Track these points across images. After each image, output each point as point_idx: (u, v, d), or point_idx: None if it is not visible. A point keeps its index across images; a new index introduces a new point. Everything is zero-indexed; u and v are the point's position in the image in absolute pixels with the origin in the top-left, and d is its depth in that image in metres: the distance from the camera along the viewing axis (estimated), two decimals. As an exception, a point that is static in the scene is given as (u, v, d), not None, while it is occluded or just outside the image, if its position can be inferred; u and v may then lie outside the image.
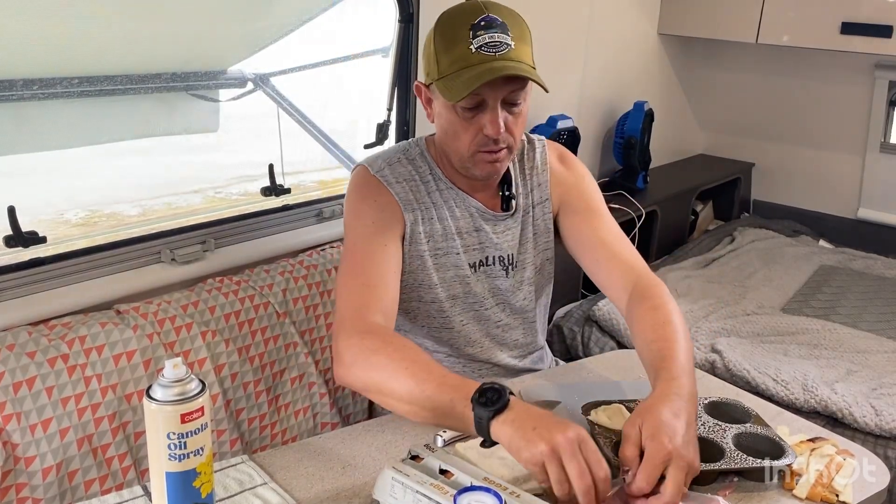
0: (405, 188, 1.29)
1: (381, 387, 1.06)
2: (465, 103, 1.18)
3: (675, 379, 1.05)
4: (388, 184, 1.28)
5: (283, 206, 1.72)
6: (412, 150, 1.34)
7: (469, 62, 1.16)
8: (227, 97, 1.94)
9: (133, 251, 1.45)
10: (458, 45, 1.17)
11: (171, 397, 0.83)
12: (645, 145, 2.77)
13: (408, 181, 1.30)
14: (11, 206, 1.30)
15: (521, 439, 0.91)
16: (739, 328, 2.19)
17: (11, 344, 1.20)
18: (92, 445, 1.24)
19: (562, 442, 0.89)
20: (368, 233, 1.24)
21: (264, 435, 1.49)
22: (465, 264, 1.33)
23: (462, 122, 1.21)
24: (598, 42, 2.66)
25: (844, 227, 3.14)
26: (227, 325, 1.43)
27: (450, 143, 1.26)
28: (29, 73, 1.44)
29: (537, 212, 1.39)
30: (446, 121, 1.23)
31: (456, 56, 1.17)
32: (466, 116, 1.20)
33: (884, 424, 1.73)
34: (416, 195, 1.29)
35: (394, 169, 1.30)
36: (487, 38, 1.17)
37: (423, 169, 1.32)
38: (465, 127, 1.21)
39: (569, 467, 0.88)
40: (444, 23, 1.21)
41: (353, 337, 1.10)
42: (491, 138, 1.21)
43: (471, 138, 1.22)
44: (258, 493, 0.98)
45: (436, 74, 1.20)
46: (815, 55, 2.92)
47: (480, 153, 1.23)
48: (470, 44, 1.16)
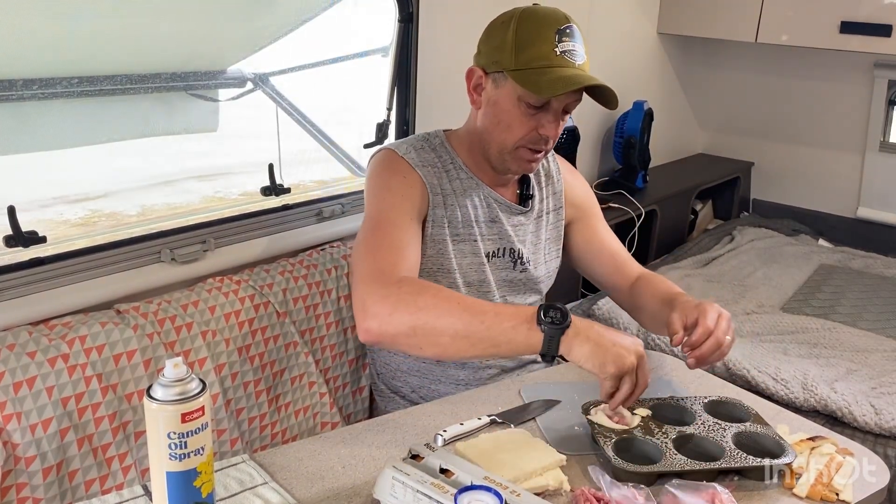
0: (430, 172, 1.32)
1: (433, 324, 1.07)
2: (536, 101, 1.23)
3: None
4: (416, 166, 1.31)
5: (283, 205, 1.72)
6: (433, 139, 1.38)
7: (553, 62, 1.21)
8: (227, 97, 1.94)
9: (133, 251, 1.45)
10: (543, 44, 1.22)
11: (171, 397, 0.83)
12: (644, 145, 2.77)
13: (432, 166, 1.34)
14: (11, 206, 1.30)
15: (606, 354, 1.04)
16: (739, 327, 2.19)
17: (12, 344, 1.19)
18: (92, 445, 1.24)
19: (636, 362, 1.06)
20: (396, 202, 1.27)
21: (265, 434, 1.49)
22: (482, 252, 1.37)
23: (521, 117, 1.25)
24: (597, 41, 2.64)
25: (844, 226, 3.14)
26: (227, 324, 1.43)
27: (497, 133, 1.29)
28: (29, 72, 1.43)
29: (551, 218, 1.46)
30: (503, 111, 1.27)
31: (540, 53, 1.21)
32: (529, 112, 1.25)
33: (883, 423, 1.73)
34: (439, 180, 1.33)
35: (419, 154, 1.34)
36: (570, 45, 1.23)
37: (444, 158, 1.36)
38: (523, 122, 1.26)
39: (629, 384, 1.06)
40: (529, 19, 1.24)
41: (390, 286, 1.11)
42: (543, 138, 1.27)
43: (524, 133, 1.27)
44: (259, 493, 0.98)
45: (511, 65, 1.23)
46: (815, 54, 2.93)
47: (524, 149, 1.29)
48: (555, 46, 1.21)
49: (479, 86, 1.30)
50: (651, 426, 1.11)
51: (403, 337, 1.11)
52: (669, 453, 1.04)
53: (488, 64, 1.27)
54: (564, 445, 1.10)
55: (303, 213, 1.73)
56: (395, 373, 1.47)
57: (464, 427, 1.13)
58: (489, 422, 1.16)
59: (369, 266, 1.17)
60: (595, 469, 1.02)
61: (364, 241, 1.24)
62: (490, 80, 1.28)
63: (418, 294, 1.10)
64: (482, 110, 1.31)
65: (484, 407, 1.22)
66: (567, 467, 1.04)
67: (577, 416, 1.15)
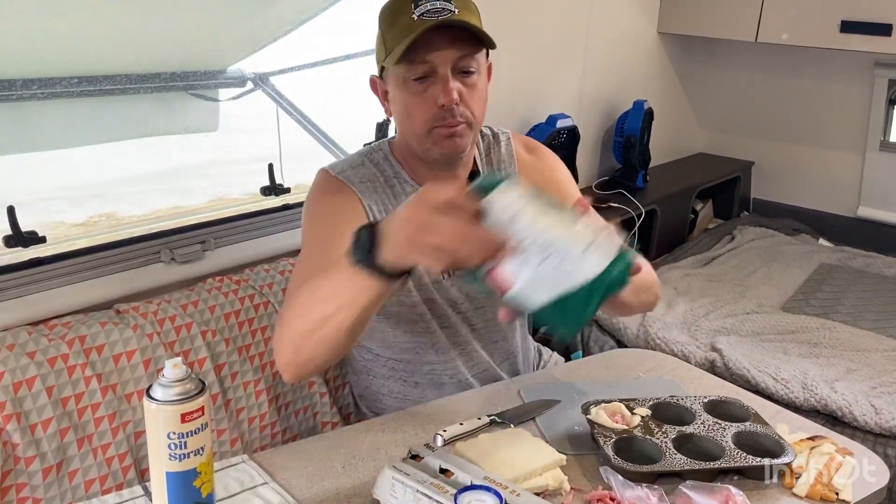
0: (368, 188, 1.25)
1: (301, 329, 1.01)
2: (413, 73, 1.15)
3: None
4: (351, 183, 1.24)
5: (283, 205, 1.72)
6: (375, 154, 1.30)
7: (413, 29, 1.12)
8: (227, 97, 1.94)
9: (133, 251, 1.45)
10: (400, 17, 1.14)
11: (171, 397, 0.83)
12: (644, 144, 2.77)
13: (372, 181, 1.26)
14: (11, 206, 1.30)
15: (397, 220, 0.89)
16: (739, 327, 2.19)
17: (11, 344, 1.20)
18: (92, 445, 1.24)
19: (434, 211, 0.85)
20: (326, 224, 1.19)
21: (264, 434, 1.49)
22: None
23: (414, 98, 1.17)
24: (597, 41, 2.66)
25: (844, 225, 3.14)
26: (226, 324, 1.43)
27: (407, 126, 1.21)
28: (29, 72, 1.44)
29: None
30: (400, 102, 1.19)
31: (399, 28, 1.14)
32: (418, 90, 1.16)
33: (883, 423, 1.73)
34: (380, 195, 1.25)
35: (356, 171, 1.26)
36: (429, 5, 1.13)
37: (387, 172, 1.28)
38: (419, 102, 1.17)
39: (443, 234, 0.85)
40: (387, 6, 1.19)
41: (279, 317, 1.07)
42: (447, 109, 1.15)
43: (426, 113, 1.17)
44: (258, 493, 0.98)
45: (383, 55, 1.18)
46: (815, 54, 2.92)
47: (437, 128, 1.18)
48: (412, 14, 1.13)
49: (386, 91, 1.24)
50: (651, 426, 1.11)
51: (295, 356, 1.04)
52: (669, 453, 1.04)
53: (379, 69, 1.23)
54: (564, 445, 1.10)
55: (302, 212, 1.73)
56: (376, 395, 1.41)
57: (463, 427, 1.12)
58: (489, 422, 1.16)
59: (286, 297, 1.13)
60: (606, 470, 1.02)
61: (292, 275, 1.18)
62: (386, 82, 1.22)
63: (283, 314, 1.06)
64: (392, 113, 1.24)
65: (484, 407, 1.22)
66: (567, 467, 1.03)
67: (576, 416, 1.15)
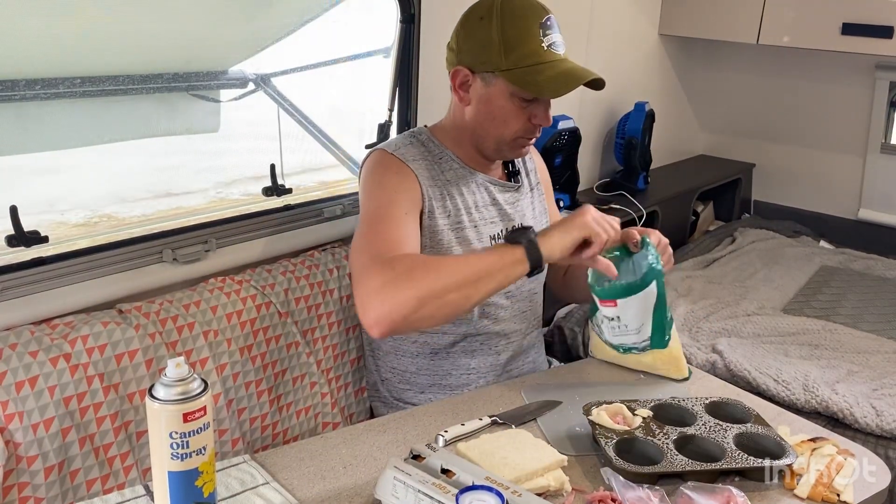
0: (422, 166, 1.35)
1: (435, 288, 1.11)
2: (527, 95, 1.28)
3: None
4: (407, 161, 1.34)
5: (285, 206, 1.72)
6: (420, 135, 1.41)
7: (543, 59, 1.25)
8: (229, 97, 1.94)
9: (135, 251, 1.45)
10: (530, 40, 1.25)
11: (173, 397, 0.83)
12: (646, 146, 2.77)
13: (423, 159, 1.36)
14: (14, 206, 1.30)
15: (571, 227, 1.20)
16: (740, 329, 2.19)
17: (14, 343, 1.20)
18: (94, 445, 1.24)
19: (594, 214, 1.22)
20: (392, 199, 1.29)
21: (266, 434, 1.49)
22: (485, 236, 1.39)
23: (516, 111, 1.30)
24: (598, 42, 2.66)
25: (845, 227, 3.14)
26: (228, 324, 1.43)
27: (494, 128, 1.33)
28: (31, 73, 1.44)
29: (535, 194, 1.53)
30: (497, 107, 1.31)
31: (529, 51, 1.25)
32: (522, 106, 1.30)
33: (884, 425, 1.73)
34: (431, 172, 1.36)
35: (408, 149, 1.37)
36: (554, 37, 1.28)
37: (434, 151, 1.39)
38: (518, 115, 1.31)
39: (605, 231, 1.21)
40: (511, 16, 1.26)
41: (385, 273, 1.13)
42: (539, 127, 1.34)
43: (520, 125, 1.32)
44: (260, 493, 0.98)
45: (502, 65, 1.26)
46: (816, 56, 2.92)
47: (521, 139, 1.35)
48: (542, 41, 1.25)
49: (466, 83, 1.33)
50: (652, 427, 1.11)
51: (413, 313, 1.11)
52: (670, 454, 1.04)
53: (475, 64, 1.30)
54: (565, 446, 1.10)
55: (304, 213, 1.73)
56: (403, 375, 1.46)
57: (465, 427, 1.13)
58: (490, 422, 1.16)
59: (365, 261, 1.18)
60: (607, 470, 1.02)
61: (360, 238, 1.26)
62: (479, 79, 1.31)
63: (410, 269, 1.13)
64: (472, 107, 1.34)
65: (485, 407, 1.22)
66: (568, 468, 1.04)
67: (578, 417, 1.15)
